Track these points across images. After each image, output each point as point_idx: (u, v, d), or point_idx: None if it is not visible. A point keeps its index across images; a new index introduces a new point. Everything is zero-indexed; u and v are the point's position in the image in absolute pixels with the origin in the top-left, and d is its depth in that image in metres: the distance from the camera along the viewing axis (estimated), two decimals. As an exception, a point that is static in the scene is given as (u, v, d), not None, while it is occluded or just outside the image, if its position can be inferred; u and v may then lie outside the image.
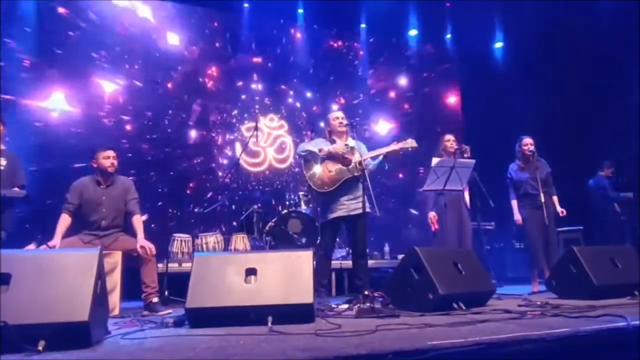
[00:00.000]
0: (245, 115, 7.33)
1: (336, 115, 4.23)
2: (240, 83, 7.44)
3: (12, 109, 5.56)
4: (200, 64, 7.21)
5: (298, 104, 7.81)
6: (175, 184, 6.60)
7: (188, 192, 6.71)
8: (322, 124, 4.34)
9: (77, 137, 5.99)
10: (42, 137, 5.79)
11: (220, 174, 7.00)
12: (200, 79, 7.20)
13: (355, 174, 3.94)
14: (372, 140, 7.27)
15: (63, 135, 5.95)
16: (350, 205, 3.98)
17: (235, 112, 7.31)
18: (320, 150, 4.01)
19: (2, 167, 3.91)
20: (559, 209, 4.89)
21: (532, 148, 4.88)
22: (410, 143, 3.97)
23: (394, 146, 3.99)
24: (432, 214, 4.77)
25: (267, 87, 7.60)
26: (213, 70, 7.33)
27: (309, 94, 7.88)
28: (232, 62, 7.47)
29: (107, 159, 3.81)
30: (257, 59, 7.64)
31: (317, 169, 4.02)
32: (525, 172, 4.92)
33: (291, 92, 7.80)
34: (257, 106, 7.44)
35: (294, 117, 7.72)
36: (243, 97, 7.43)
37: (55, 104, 6.01)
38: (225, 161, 7.10)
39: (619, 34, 6.41)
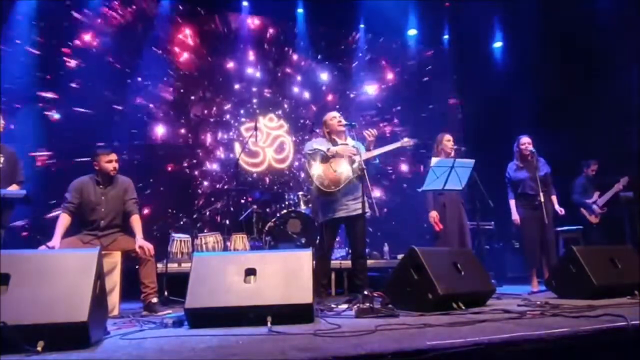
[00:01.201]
0: (242, 111, 6.71)
1: (333, 115, 4.27)
2: (231, 64, 6.07)
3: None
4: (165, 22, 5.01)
5: (306, 94, 6.84)
6: (173, 184, 6.51)
7: (186, 192, 6.63)
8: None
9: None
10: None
11: (207, 181, 6.63)
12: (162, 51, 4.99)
13: (358, 173, 3.96)
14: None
15: None
16: (350, 206, 3.99)
17: (228, 106, 6.41)
18: (328, 150, 4.03)
19: (0, 165, 3.87)
20: (557, 208, 4.89)
21: (530, 147, 4.87)
22: (407, 142, 4.22)
23: (393, 145, 4.16)
24: (434, 213, 4.72)
25: (267, 72, 6.34)
26: (187, 35, 5.24)
27: (324, 76, 6.49)
28: (217, 24, 5.54)
29: (110, 162, 3.78)
30: (255, 21, 5.78)
31: (323, 168, 4.02)
32: (523, 171, 4.91)
33: (298, 78, 6.61)
34: (254, 100, 6.66)
35: (299, 111, 6.84)
36: (236, 86, 6.29)
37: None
38: (215, 166, 6.69)
39: (618, 34, 6.41)
